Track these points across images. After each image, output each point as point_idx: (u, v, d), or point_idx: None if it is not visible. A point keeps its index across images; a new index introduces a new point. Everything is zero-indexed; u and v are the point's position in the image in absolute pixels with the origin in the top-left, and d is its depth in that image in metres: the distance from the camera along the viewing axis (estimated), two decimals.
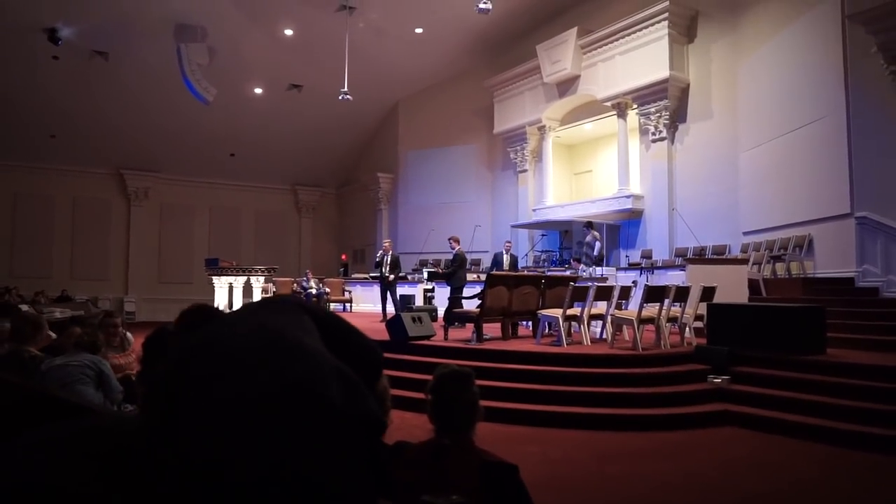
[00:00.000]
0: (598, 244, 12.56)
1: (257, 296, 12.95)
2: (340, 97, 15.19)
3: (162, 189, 20.95)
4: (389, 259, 12.51)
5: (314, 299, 15.41)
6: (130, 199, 20.56)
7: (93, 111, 17.28)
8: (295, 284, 16.34)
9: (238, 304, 12.39)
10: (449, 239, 11.59)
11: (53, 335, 4.50)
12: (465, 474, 1.82)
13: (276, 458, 0.69)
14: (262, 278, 12.87)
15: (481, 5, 11.52)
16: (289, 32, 16.35)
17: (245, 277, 12.82)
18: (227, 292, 12.69)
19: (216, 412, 0.71)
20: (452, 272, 11.06)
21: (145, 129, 18.43)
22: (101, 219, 20.14)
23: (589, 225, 13.21)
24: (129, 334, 5.25)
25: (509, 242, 13.28)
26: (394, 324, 8.43)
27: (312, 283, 16.34)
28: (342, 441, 0.76)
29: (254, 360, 0.79)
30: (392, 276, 12.47)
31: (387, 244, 13.06)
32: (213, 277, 12.99)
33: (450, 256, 11.50)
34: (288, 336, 0.87)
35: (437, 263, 17.25)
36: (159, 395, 0.76)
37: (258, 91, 18.41)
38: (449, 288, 11.15)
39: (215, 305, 10.96)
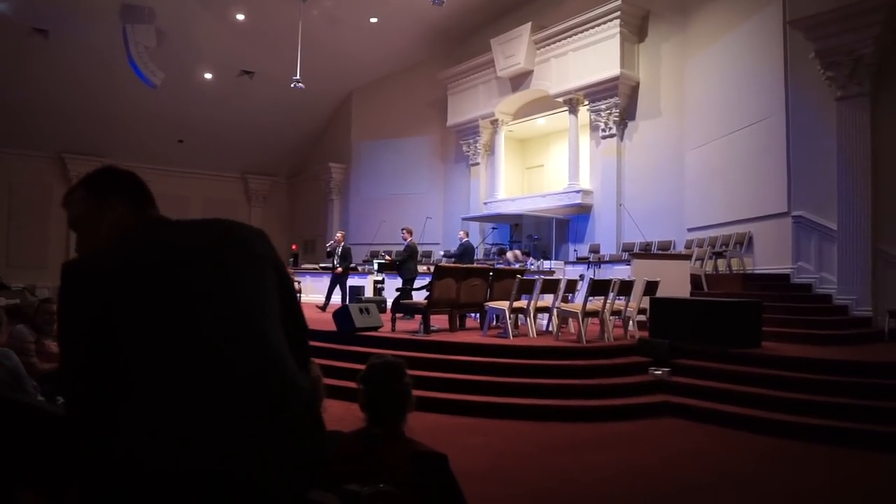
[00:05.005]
0: (518, 265, 12.54)
1: None
2: (293, 85, 14.96)
3: None
4: (341, 250, 12.42)
5: None
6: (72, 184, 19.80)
7: (31, 91, 16.50)
8: None
9: None
10: (401, 230, 11.56)
11: None
12: (396, 464, 1.83)
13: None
14: None
15: None
16: (241, 17, 15.99)
17: None
18: None
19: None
20: (402, 262, 11.03)
21: (89, 112, 17.71)
22: (40, 204, 19.25)
23: (501, 252, 13.51)
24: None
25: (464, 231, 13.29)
26: (341, 315, 8.37)
27: None
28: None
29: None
30: (341, 268, 12.37)
31: (339, 235, 12.93)
32: None
33: (402, 248, 11.45)
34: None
35: (389, 254, 17.18)
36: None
37: (208, 76, 17.95)
38: (400, 280, 11.12)
39: None
